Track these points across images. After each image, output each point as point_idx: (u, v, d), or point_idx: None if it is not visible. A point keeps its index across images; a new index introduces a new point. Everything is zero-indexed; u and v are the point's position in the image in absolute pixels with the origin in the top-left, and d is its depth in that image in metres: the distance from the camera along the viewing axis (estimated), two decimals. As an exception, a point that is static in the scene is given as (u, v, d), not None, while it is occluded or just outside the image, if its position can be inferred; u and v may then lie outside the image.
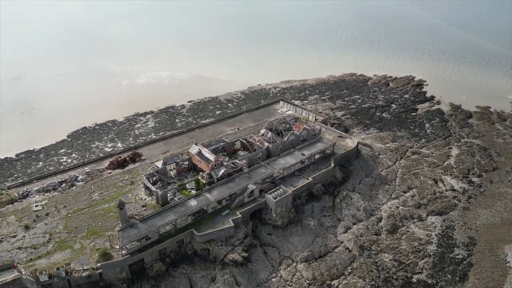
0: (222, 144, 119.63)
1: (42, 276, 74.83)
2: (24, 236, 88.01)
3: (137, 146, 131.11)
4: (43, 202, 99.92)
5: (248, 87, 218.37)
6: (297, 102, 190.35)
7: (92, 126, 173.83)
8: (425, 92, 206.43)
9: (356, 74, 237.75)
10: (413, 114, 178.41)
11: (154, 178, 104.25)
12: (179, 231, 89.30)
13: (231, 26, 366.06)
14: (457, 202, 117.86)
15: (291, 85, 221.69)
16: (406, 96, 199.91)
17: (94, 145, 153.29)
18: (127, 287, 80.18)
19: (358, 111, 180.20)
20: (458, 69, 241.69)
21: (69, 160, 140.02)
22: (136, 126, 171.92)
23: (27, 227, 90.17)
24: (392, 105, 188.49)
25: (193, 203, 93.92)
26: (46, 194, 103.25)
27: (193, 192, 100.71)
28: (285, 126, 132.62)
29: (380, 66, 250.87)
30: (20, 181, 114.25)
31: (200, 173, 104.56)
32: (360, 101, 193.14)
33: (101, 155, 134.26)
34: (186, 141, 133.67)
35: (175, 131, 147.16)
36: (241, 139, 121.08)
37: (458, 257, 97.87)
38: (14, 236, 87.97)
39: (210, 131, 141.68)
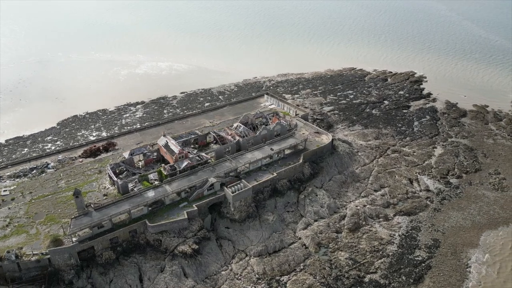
0: (193, 136, 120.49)
1: (-8, 259, 77.89)
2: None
3: (113, 136, 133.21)
4: (12, 188, 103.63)
5: (243, 80, 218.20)
6: (288, 96, 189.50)
7: (83, 114, 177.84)
8: (423, 89, 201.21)
9: (355, 68, 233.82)
10: (404, 111, 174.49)
11: (120, 168, 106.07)
12: (134, 221, 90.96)
13: (236, 18, 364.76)
14: (429, 203, 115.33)
15: (287, 78, 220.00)
16: (401, 92, 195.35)
17: (80, 133, 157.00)
18: (75, 273, 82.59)
19: (347, 106, 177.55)
20: (461, 65, 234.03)
21: (53, 147, 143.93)
22: (124, 116, 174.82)
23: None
24: (385, 101, 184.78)
25: (150, 194, 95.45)
26: (16, 180, 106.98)
27: (156, 183, 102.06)
28: (262, 120, 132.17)
29: (382, 61, 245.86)
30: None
31: (163, 164, 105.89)
32: (352, 96, 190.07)
33: (76, 144, 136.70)
34: (163, 132, 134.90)
35: (153, 122, 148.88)
36: (211, 132, 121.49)
37: (417, 258, 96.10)
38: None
39: (189, 123, 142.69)
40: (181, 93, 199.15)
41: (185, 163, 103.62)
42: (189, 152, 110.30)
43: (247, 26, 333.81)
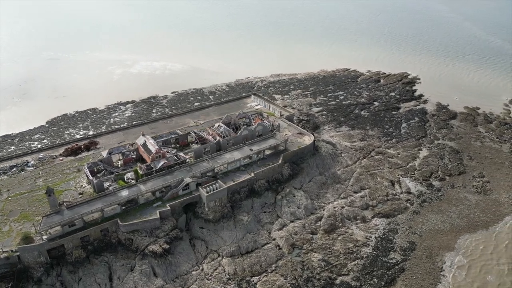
0: (173, 136, 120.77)
1: (-39, 255, 78.68)
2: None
3: (96, 135, 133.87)
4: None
5: (235, 80, 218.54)
6: (278, 97, 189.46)
7: (73, 113, 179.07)
8: (414, 91, 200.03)
9: (349, 69, 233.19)
10: (394, 113, 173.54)
11: (98, 167, 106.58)
12: (106, 220, 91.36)
13: (232, 18, 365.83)
14: (408, 205, 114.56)
15: (280, 79, 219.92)
16: (392, 94, 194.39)
17: (68, 132, 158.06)
18: (45, 271, 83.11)
19: (336, 107, 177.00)
20: (457, 67, 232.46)
21: (39, 146, 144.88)
22: (113, 115, 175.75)
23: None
24: (375, 102, 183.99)
25: (124, 193, 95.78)
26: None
27: (133, 182, 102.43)
28: (245, 120, 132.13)
29: (377, 62, 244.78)
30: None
31: (139, 164, 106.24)
32: (342, 97, 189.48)
33: (61, 142, 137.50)
34: (146, 131, 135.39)
35: (138, 122, 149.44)
36: (191, 132, 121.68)
37: (391, 261, 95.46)
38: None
39: (173, 123, 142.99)
40: (172, 92, 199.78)
41: (161, 163, 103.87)
42: (167, 152, 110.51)
43: (243, 26, 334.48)
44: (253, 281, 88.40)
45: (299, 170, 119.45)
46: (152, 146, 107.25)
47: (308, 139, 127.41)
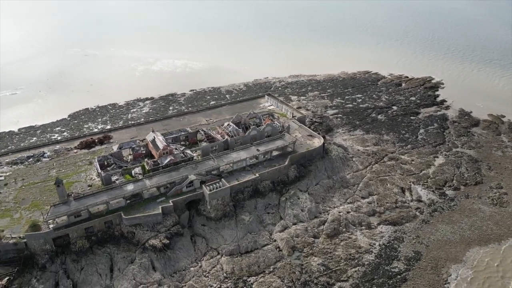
0: (183, 133, 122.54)
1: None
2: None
3: (111, 129, 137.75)
4: (7, 174, 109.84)
5: (253, 79, 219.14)
6: (294, 98, 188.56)
7: (94, 107, 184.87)
8: (437, 96, 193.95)
9: (370, 72, 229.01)
10: (412, 118, 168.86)
11: (108, 161, 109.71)
12: (111, 212, 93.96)
13: (255, 18, 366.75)
14: (418, 214, 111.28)
15: (298, 79, 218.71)
16: (413, 98, 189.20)
17: (87, 126, 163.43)
18: (49, 258, 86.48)
19: (352, 111, 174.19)
20: (483, 72, 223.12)
21: (59, 138, 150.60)
22: (132, 110, 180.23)
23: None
24: (393, 107, 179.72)
25: (129, 187, 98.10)
26: (13, 167, 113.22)
27: (140, 177, 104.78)
28: (255, 120, 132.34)
29: (400, 65, 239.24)
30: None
31: (146, 159, 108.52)
32: (360, 100, 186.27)
33: (77, 135, 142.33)
34: (159, 128, 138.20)
35: (152, 118, 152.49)
36: (200, 130, 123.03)
37: (394, 270, 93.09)
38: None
39: (186, 120, 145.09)
40: (190, 90, 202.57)
41: (168, 159, 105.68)
42: (175, 149, 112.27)
43: (266, 26, 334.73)
44: (249, 281, 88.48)
45: (306, 173, 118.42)
46: (160, 143, 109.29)
47: (318, 142, 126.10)
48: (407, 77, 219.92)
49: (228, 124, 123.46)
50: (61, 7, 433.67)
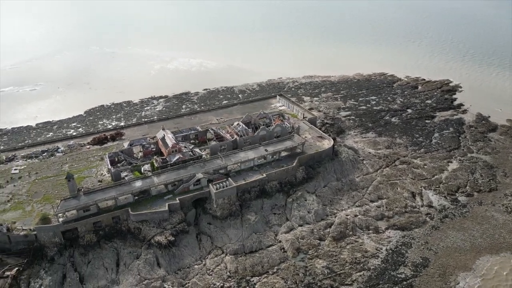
0: (193, 132, 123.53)
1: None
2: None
3: (124, 126, 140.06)
4: (22, 167, 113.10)
5: (267, 80, 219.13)
6: (307, 99, 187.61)
7: (109, 104, 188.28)
8: (454, 99, 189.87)
9: (386, 74, 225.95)
10: (427, 121, 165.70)
11: (119, 157, 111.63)
12: (119, 208, 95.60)
13: (271, 18, 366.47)
14: (428, 219, 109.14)
15: (312, 80, 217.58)
16: (429, 101, 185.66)
17: (101, 122, 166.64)
18: (58, 250, 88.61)
19: (365, 113, 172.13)
20: (502, 75, 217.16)
21: (74, 133, 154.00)
22: (145, 108, 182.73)
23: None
24: (408, 110, 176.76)
25: (138, 184, 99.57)
26: (28, 160, 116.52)
27: (149, 174, 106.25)
28: (265, 120, 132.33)
29: (417, 67, 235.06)
30: (10, 146, 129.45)
31: (155, 157, 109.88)
32: (374, 102, 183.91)
33: (91, 131, 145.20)
34: (170, 126, 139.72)
35: (163, 116, 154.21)
36: (210, 129, 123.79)
37: (400, 276, 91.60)
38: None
39: (197, 119, 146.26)
40: (204, 89, 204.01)
41: (176, 157, 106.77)
42: (185, 147, 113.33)
43: (281, 25, 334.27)
44: (253, 281, 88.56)
45: (314, 174, 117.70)
46: (170, 141, 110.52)
47: (327, 143, 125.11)
48: (424, 79, 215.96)
49: (237, 124, 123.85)
50: (81, 6, 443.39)
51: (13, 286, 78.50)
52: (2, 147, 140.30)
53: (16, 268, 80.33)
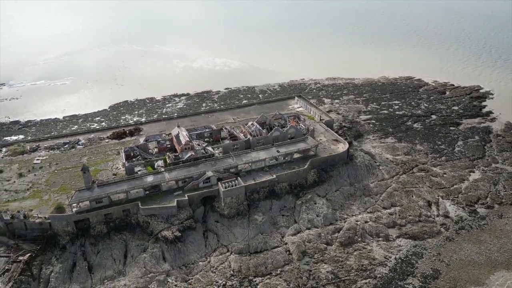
0: (208, 130, 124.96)
1: (5, 215, 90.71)
2: (14, 182, 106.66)
3: (142, 122, 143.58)
4: (44, 158, 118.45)
5: (289, 80, 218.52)
6: (327, 101, 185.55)
7: (133, 100, 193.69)
8: (483, 107, 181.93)
9: (413, 78, 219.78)
10: (452, 128, 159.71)
11: (134, 152, 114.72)
12: (130, 201, 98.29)
13: (297, 18, 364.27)
14: (443, 230, 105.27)
15: (335, 82, 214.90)
16: (455, 108, 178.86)
17: (123, 117, 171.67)
18: (70, 239, 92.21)
19: (387, 117, 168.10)
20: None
21: (98, 127, 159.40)
22: (167, 105, 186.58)
23: (20, 175, 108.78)
24: (432, 115, 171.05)
25: (149, 179, 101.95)
26: (50, 151, 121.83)
27: (162, 169, 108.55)
28: (280, 121, 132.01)
29: (446, 72, 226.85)
30: (36, 137, 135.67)
31: (168, 153, 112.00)
32: (397, 107, 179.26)
33: (113, 125, 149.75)
34: (187, 123, 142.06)
35: (181, 113, 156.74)
36: (224, 128, 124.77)
37: (407, 286, 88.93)
38: (8, 180, 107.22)
39: (214, 118, 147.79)
40: (225, 88, 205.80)
41: (188, 154, 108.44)
42: (198, 145, 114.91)
43: (306, 26, 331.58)
44: (255, 281, 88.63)
45: (327, 178, 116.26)
46: (183, 138, 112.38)
47: (342, 147, 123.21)
48: (453, 85, 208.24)
49: (251, 124, 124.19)
50: (118, 4, 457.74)
51: (25, 271, 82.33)
52: (29, 137, 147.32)
53: (29, 254, 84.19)
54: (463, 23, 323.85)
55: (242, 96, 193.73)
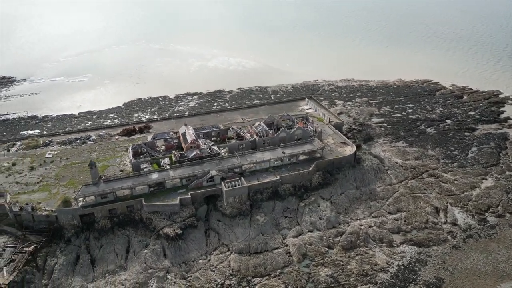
0: (215, 129, 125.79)
1: (14, 207, 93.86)
2: (26, 175, 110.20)
3: (152, 120, 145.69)
4: (56, 152, 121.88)
5: (303, 81, 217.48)
6: (339, 102, 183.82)
7: (146, 98, 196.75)
8: (501, 112, 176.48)
9: (430, 81, 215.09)
10: (466, 134, 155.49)
11: (142, 149, 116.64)
12: (134, 197, 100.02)
13: (312, 18, 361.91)
14: (449, 237, 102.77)
15: (349, 84, 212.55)
16: (472, 113, 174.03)
17: (136, 115, 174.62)
18: (75, 233, 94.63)
19: (399, 121, 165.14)
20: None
21: (111, 124, 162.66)
22: (180, 103, 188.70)
23: (32, 169, 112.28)
24: (447, 120, 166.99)
25: (154, 176, 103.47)
26: (62, 146, 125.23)
27: (168, 167, 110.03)
28: (288, 122, 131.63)
29: (464, 75, 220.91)
30: (50, 132, 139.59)
31: (174, 151, 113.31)
32: (410, 111, 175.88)
33: (126, 122, 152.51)
34: (196, 122, 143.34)
35: (191, 113, 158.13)
36: (230, 128, 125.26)
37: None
38: (20, 173, 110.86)
39: (223, 117, 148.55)
40: (238, 88, 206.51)
41: (194, 153, 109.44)
42: (204, 143, 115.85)
43: (322, 26, 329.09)
44: (254, 281, 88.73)
45: (332, 180, 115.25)
46: (189, 136, 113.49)
47: (350, 150, 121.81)
48: (471, 89, 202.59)
49: (258, 124, 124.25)
50: (139, 4, 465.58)
51: (30, 262, 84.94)
52: (44, 132, 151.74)
53: (34, 246, 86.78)
54: (484, 25, 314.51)
55: (254, 96, 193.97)
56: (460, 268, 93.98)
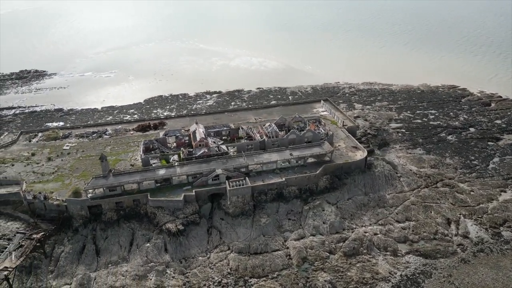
0: (225, 128, 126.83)
1: (28, 195, 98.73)
2: (43, 165, 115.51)
3: (167, 117, 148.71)
4: (73, 144, 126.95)
5: (323, 83, 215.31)
6: (358, 106, 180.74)
7: (167, 95, 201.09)
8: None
9: (457, 87, 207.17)
10: (490, 143, 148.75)
11: (153, 145, 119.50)
12: (141, 192, 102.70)
13: (343, 19, 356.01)
14: (459, 250, 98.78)
15: (371, 87, 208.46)
16: (498, 121, 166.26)
17: (155, 111, 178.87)
18: (83, 223, 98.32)
19: (419, 127, 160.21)
20: None
21: (130, 119, 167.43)
22: (198, 102, 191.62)
23: (49, 159, 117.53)
24: (471, 128, 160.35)
25: (161, 172, 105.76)
26: (80, 139, 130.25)
27: (177, 163, 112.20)
28: (300, 124, 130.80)
29: (495, 82, 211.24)
30: (72, 125, 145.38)
31: (182, 148, 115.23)
32: (432, 117, 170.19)
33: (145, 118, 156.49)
34: (210, 120, 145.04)
35: (207, 111, 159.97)
36: (241, 127, 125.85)
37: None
38: (38, 163, 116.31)
39: (236, 117, 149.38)
40: (257, 88, 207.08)
41: (202, 151, 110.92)
42: (213, 142, 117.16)
43: (346, 28, 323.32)
44: (250, 281, 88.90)
45: (340, 185, 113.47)
46: (199, 135, 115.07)
47: (360, 155, 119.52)
48: (500, 96, 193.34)
49: (269, 125, 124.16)
50: (168, 3, 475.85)
51: (38, 248, 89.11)
52: (68, 124, 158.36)
53: (42, 233, 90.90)
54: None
55: (272, 96, 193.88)
56: (466, 283, 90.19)
